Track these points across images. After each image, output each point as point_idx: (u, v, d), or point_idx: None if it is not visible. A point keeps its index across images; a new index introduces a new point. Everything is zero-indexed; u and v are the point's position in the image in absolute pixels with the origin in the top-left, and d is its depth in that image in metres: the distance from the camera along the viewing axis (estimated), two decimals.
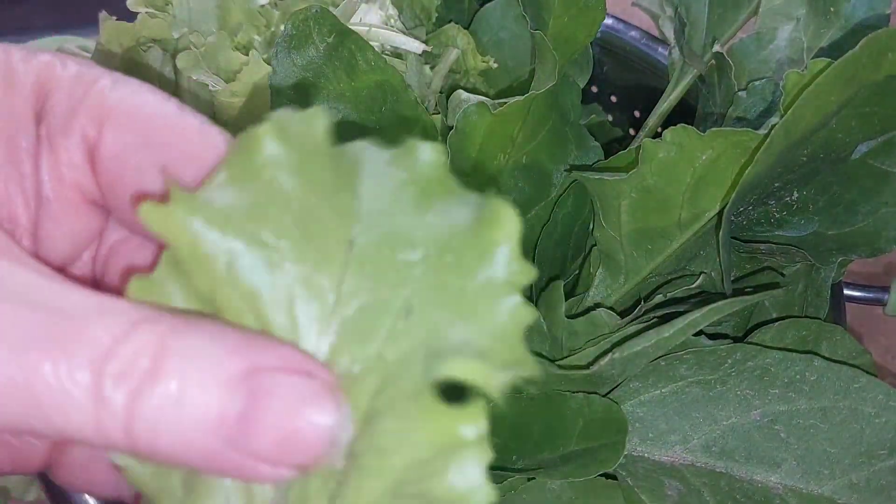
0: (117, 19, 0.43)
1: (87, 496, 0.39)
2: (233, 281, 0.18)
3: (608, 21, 0.55)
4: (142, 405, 0.16)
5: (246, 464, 0.17)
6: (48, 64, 0.21)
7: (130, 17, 0.44)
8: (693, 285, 0.34)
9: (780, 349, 0.33)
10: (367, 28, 0.44)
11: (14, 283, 0.17)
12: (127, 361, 0.16)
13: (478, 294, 0.18)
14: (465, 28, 0.48)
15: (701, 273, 0.34)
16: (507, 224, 0.18)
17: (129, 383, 0.16)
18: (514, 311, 0.17)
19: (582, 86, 0.42)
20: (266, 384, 0.16)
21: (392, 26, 0.45)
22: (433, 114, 0.44)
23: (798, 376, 0.33)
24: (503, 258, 0.18)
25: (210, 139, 0.21)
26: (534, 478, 0.33)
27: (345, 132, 0.35)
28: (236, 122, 0.40)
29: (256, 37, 0.41)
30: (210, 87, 0.40)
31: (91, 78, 0.21)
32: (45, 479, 0.38)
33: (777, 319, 0.36)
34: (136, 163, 0.20)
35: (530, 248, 0.38)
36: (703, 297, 0.34)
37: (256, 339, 0.17)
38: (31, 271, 0.17)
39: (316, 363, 0.17)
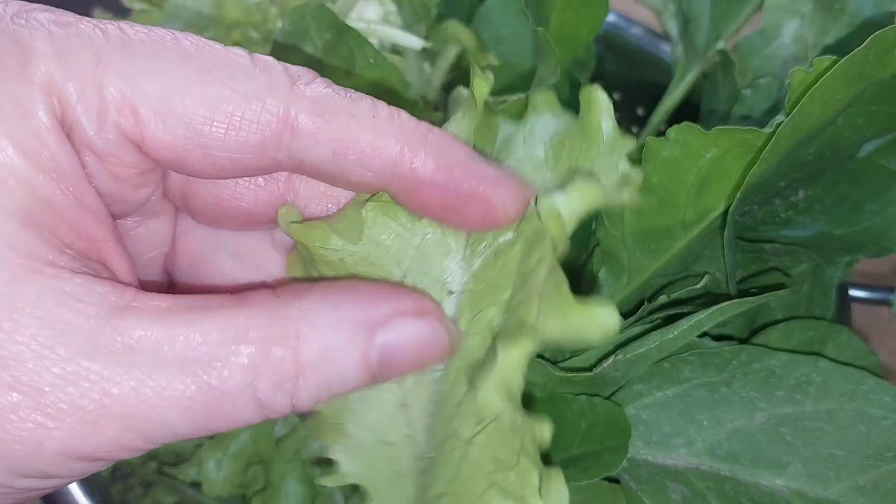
0: (113, 16, 0.43)
1: (79, 496, 0.38)
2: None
3: (611, 17, 0.55)
4: (299, 398, 0.20)
5: (399, 377, 0.22)
6: (48, 73, 0.20)
7: (126, 13, 0.44)
8: (697, 286, 0.33)
9: (785, 351, 0.33)
10: (366, 24, 0.44)
11: (165, 346, 0.19)
12: (275, 371, 0.19)
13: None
14: (465, 24, 0.47)
15: (705, 273, 0.34)
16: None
17: (285, 388, 0.20)
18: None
19: (584, 83, 0.41)
20: (389, 342, 0.21)
21: (391, 22, 0.45)
22: (433, 111, 0.44)
23: (804, 378, 0.32)
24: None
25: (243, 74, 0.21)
26: None
27: None
28: None
29: (253, 33, 0.40)
30: None
31: (87, 66, 0.20)
32: None
33: (783, 320, 0.35)
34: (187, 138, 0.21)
35: None
36: (708, 298, 0.34)
37: (369, 295, 0.21)
38: (160, 324, 0.19)
39: (417, 298, 0.22)
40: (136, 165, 0.21)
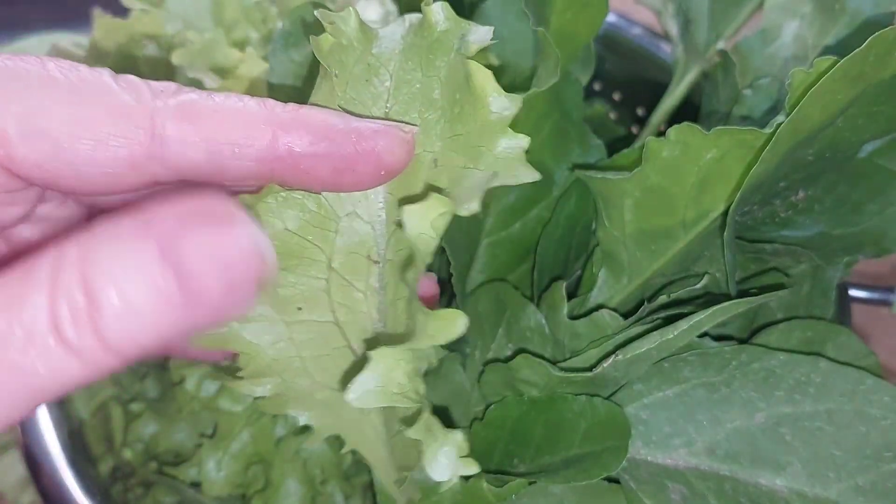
0: (112, 15, 0.43)
1: (79, 497, 0.38)
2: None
3: (611, 18, 0.55)
4: (109, 334, 0.18)
5: (222, 307, 0.19)
6: None
7: (125, 13, 0.44)
8: (697, 286, 0.33)
9: (785, 351, 0.33)
10: None
11: None
12: (69, 306, 0.17)
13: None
14: None
15: (705, 274, 0.34)
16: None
17: (85, 324, 0.17)
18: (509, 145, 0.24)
19: (584, 83, 0.41)
20: (180, 248, 0.18)
21: (391, 22, 0.45)
22: None
23: (803, 378, 0.32)
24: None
25: (89, 83, 0.21)
26: (535, 482, 0.32)
27: None
28: None
29: (253, 33, 0.40)
30: (206, 84, 0.39)
31: None
32: (39, 482, 0.38)
33: (782, 320, 0.35)
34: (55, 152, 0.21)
35: (531, 249, 0.38)
36: (708, 299, 0.34)
37: (145, 214, 0.18)
38: None
39: (213, 199, 0.19)
40: (6, 186, 0.22)
